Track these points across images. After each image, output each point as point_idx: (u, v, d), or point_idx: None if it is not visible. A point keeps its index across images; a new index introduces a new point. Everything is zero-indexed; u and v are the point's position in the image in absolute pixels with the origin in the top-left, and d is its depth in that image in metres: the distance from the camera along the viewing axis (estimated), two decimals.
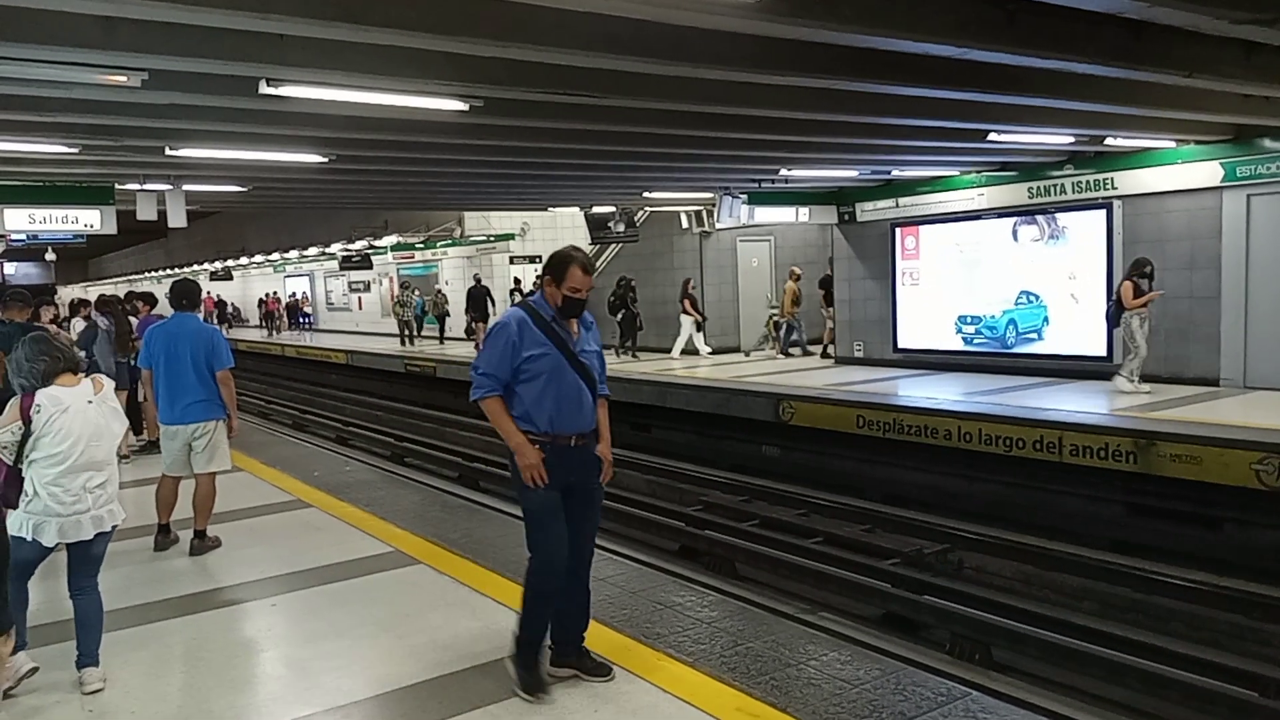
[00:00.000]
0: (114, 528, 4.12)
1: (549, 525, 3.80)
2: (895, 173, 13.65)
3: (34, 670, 3.95)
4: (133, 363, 9.56)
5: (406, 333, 24.58)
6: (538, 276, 19.12)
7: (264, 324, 37.13)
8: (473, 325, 21.44)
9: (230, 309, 42.15)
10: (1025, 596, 7.71)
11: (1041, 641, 6.40)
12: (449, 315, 24.76)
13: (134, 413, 10.19)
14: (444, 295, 25.53)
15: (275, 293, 38.38)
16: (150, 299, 10.51)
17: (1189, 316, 11.03)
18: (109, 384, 4.13)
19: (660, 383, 14.00)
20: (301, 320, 37.18)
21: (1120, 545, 8.67)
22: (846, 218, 15.41)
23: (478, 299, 21.18)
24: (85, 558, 4.06)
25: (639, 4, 4.81)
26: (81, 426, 3.88)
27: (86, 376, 4.13)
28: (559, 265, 3.84)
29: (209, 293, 41.49)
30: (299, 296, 38.33)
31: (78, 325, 10.66)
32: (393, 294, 27.69)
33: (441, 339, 24.66)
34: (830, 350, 16.29)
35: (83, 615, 4.07)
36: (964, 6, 5.45)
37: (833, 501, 10.37)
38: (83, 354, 9.02)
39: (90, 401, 3.96)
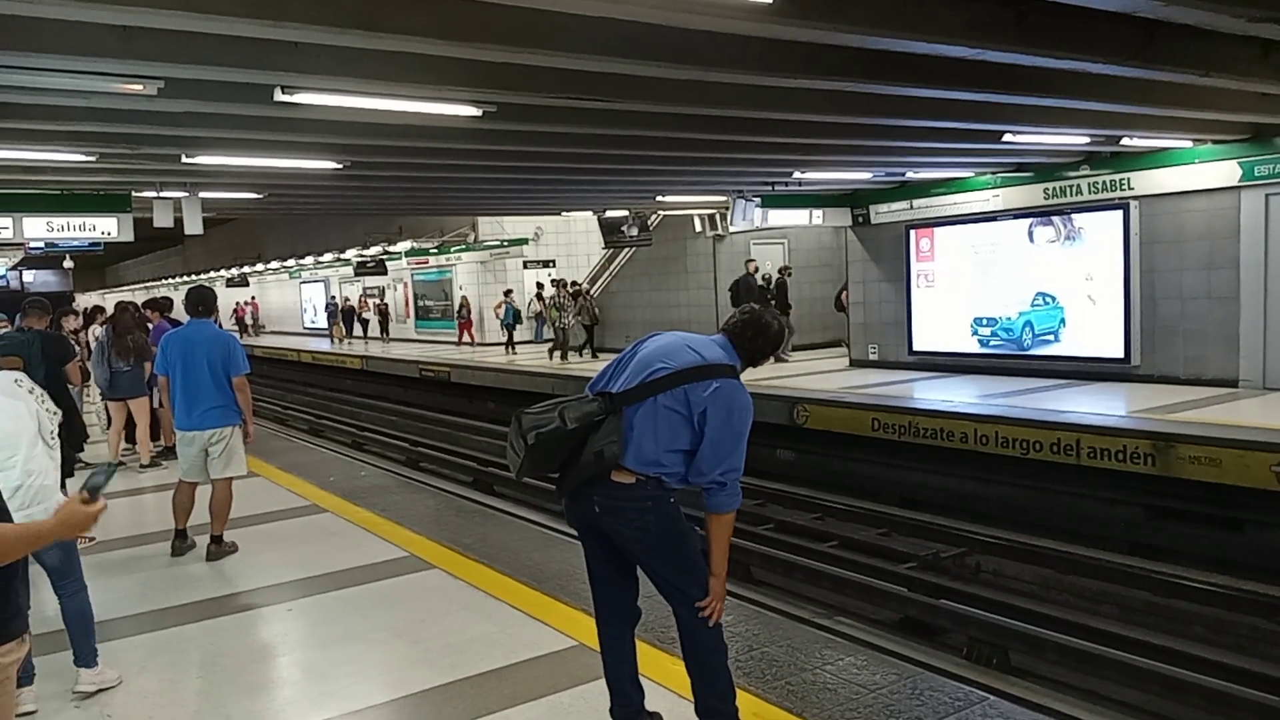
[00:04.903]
0: None
1: None
2: (909, 174, 13.61)
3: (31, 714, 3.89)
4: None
5: (561, 340, 19.09)
6: (554, 281, 18.69)
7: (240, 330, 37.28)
8: None
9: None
10: (1043, 600, 7.66)
11: (1060, 645, 6.34)
12: (599, 323, 19.62)
13: (152, 419, 10.29)
14: (591, 296, 19.99)
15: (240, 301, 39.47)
16: (165, 305, 10.59)
17: (1207, 317, 10.94)
18: (4, 376, 3.96)
19: None
20: (364, 329, 31.99)
21: (1139, 548, 8.61)
22: (861, 220, 15.36)
23: (775, 292, 16.47)
24: (43, 567, 4.02)
25: (650, 8, 4.82)
26: None
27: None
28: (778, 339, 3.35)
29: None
30: (358, 299, 32.86)
31: (95, 332, 10.76)
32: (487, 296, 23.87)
33: (594, 351, 19.28)
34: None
35: (66, 619, 4.10)
36: (975, 6, 5.43)
37: (848, 505, 10.33)
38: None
39: None
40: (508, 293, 23.22)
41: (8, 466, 3.72)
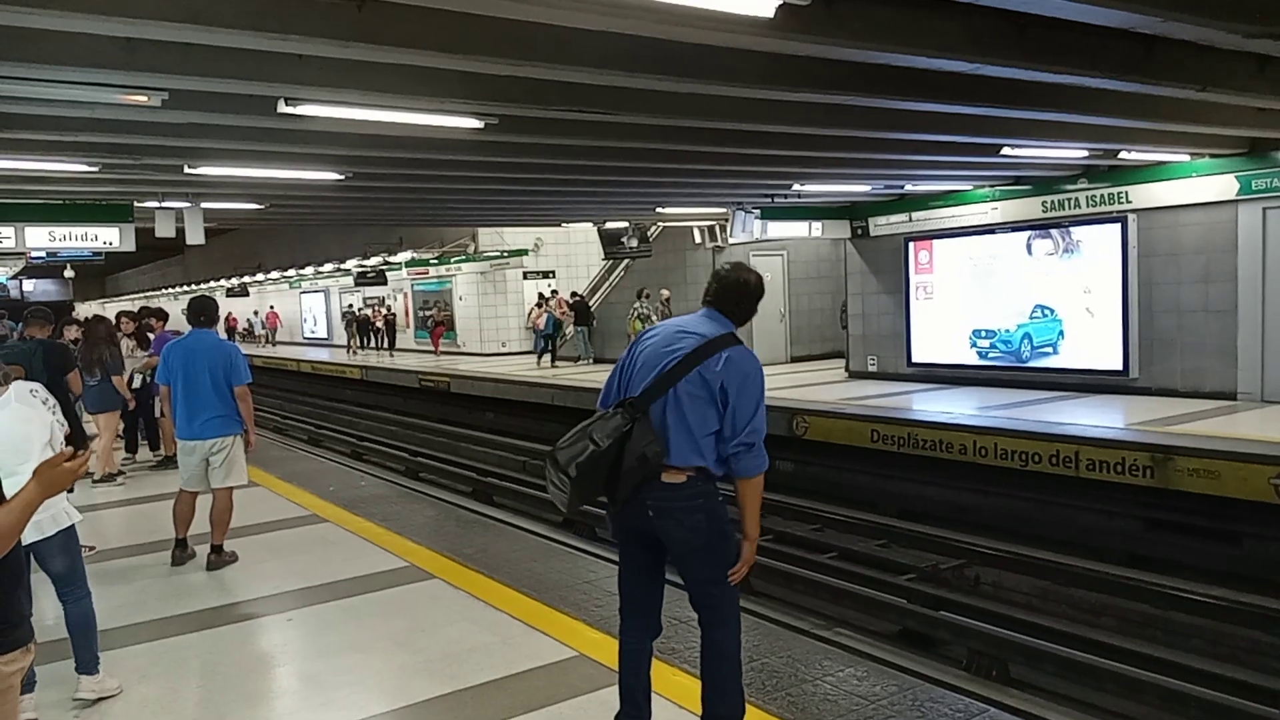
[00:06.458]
0: (59, 535, 3.99)
1: None
2: (908, 187, 13.66)
3: None
4: (148, 380, 9.63)
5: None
6: (553, 291, 18.62)
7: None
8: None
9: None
10: (1042, 612, 7.65)
11: (1059, 657, 6.35)
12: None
13: (151, 429, 10.30)
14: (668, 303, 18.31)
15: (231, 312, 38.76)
16: (158, 314, 10.64)
17: (1205, 330, 10.97)
18: (14, 386, 3.97)
19: None
20: (378, 339, 30.23)
21: (1138, 560, 8.60)
22: (860, 232, 15.42)
23: None
24: (49, 575, 4.06)
25: (651, 22, 4.85)
26: None
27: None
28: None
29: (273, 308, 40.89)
30: (371, 309, 31.15)
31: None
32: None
33: None
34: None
35: (70, 626, 4.12)
36: (975, 21, 5.46)
37: (848, 516, 10.33)
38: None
39: None
40: (545, 299, 22.00)
41: (20, 472, 3.68)
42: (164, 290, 46.23)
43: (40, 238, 10.73)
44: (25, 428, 3.86)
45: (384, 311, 30.53)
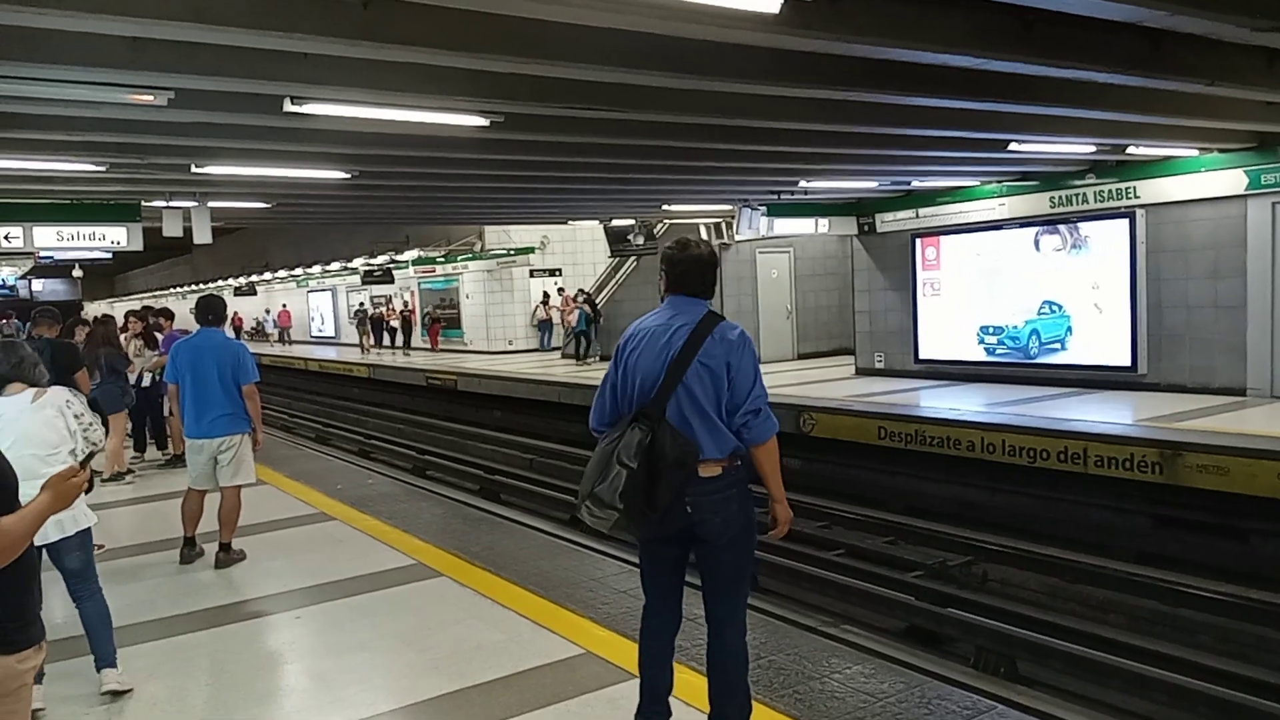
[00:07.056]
0: (77, 535, 4.04)
1: None
2: (915, 184, 13.62)
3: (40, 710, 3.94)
4: (156, 379, 9.67)
5: None
6: (560, 288, 18.69)
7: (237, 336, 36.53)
8: None
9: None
10: (1050, 609, 7.64)
11: (1067, 654, 6.33)
12: None
13: (159, 427, 10.34)
14: None
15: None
16: (167, 314, 10.67)
17: (1214, 326, 10.92)
18: (53, 392, 4.06)
19: None
20: (394, 337, 30.06)
21: (1146, 557, 8.58)
22: (866, 229, 15.38)
23: None
24: (63, 572, 4.10)
25: (656, 19, 4.84)
26: (17, 433, 3.81)
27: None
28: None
29: (283, 308, 40.47)
30: (385, 307, 30.91)
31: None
32: None
33: None
34: None
35: (87, 622, 4.15)
36: (980, 16, 5.45)
37: (855, 513, 10.31)
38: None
39: (23, 409, 3.90)
40: (579, 295, 21.38)
41: (43, 475, 3.71)
42: (172, 289, 46.35)
43: (48, 238, 10.77)
44: (56, 435, 3.96)
45: (399, 309, 30.53)
